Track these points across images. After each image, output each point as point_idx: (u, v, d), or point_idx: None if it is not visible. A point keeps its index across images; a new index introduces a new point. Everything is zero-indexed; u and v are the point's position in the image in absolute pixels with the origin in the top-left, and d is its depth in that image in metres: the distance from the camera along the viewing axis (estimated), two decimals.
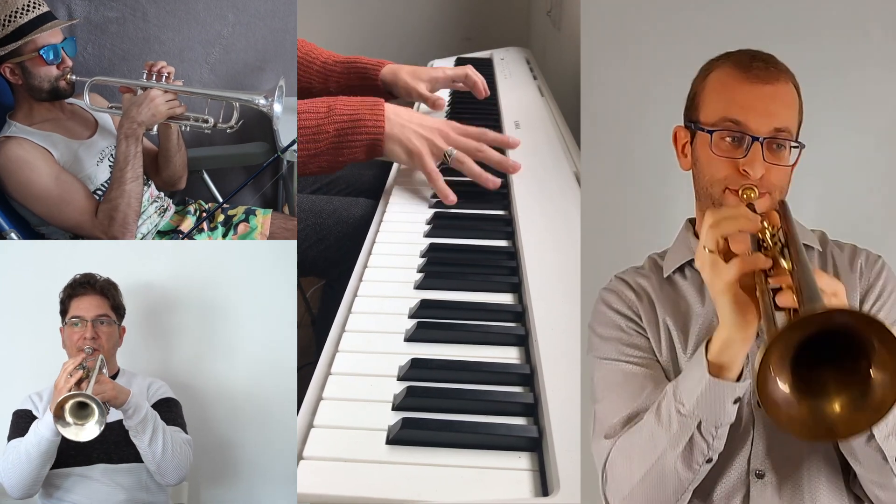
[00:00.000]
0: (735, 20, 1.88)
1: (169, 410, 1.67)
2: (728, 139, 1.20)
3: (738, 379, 1.07)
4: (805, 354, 0.93)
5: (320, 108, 1.75)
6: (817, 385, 0.95)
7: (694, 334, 1.24)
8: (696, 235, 1.33)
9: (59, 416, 1.45)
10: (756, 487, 1.17)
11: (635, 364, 1.24)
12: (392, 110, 1.80)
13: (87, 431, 1.46)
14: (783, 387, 0.93)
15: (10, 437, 1.60)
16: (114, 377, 1.68)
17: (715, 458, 1.12)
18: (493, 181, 1.82)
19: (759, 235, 1.06)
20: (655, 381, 1.20)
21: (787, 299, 0.98)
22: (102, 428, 1.46)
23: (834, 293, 1.01)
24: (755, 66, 1.21)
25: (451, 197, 1.79)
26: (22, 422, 1.61)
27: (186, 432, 1.68)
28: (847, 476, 1.18)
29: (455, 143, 1.82)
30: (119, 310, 1.72)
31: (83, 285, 1.69)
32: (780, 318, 0.97)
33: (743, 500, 1.17)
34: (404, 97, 2.25)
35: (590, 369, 1.26)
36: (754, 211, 1.13)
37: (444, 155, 1.80)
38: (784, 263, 1.01)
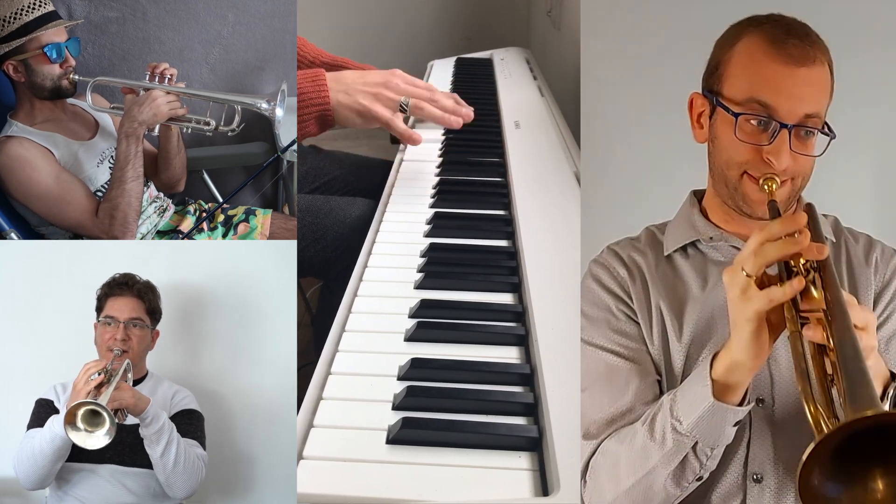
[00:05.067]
0: (736, 20, 1.88)
1: (190, 423, 1.66)
2: (753, 122, 1.13)
3: (741, 404, 1.04)
4: (850, 446, 0.88)
5: None
6: (862, 474, 0.89)
7: (690, 323, 1.19)
8: (703, 213, 1.28)
9: (70, 421, 1.43)
10: (753, 492, 1.13)
11: (621, 356, 1.20)
12: (333, 78, 1.75)
13: (96, 440, 1.44)
14: (825, 481, 0.87)
15: (29, 426, 1.60)
16: (141, 380, 1.68)
17: (706, 476, 1.10)
18: (457, 121, 1.81)
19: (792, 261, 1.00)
20: (642, 376, 1.18)
21: (817, 335, 0.96)
22: (111, 440, 1.44)
23: (865, 327, 0.97)
24: (790, 42, 1.12)
25: (416, 137, 1.78)
26: (42, 411, 1.61)
27: (205, 447, 1.66)
28: None
29: (405, 92, 1.78)
30: (154, 314, 1.71)
31: (121, 286, 1.68)
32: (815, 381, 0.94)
33: None
34: None
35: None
36: (776, 209, 1.09)
37: (400, 106, 1.76)
38: (815, 293, 0.97)
